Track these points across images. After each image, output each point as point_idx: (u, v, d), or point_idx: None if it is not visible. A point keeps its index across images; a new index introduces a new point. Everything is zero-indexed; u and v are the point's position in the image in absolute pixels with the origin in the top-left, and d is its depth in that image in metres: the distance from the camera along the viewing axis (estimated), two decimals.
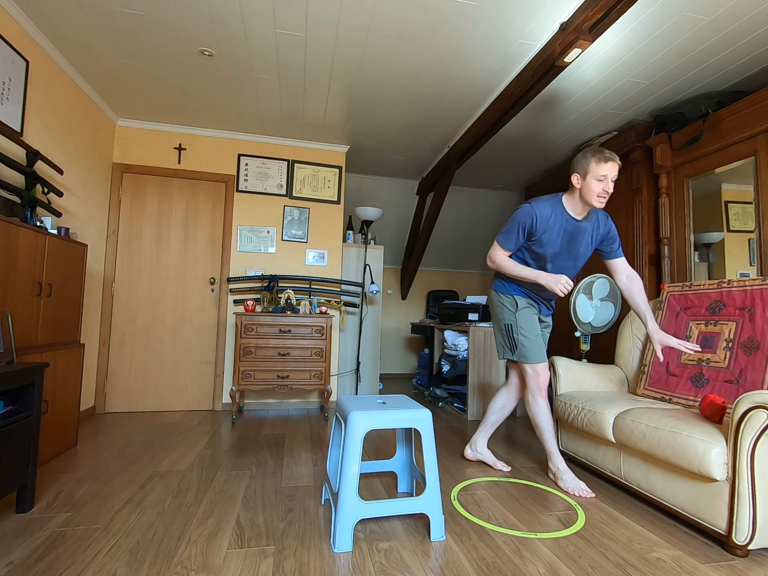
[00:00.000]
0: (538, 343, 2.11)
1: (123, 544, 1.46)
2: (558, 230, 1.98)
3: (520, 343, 2.12)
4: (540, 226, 1.96)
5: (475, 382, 3.42)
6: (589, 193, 1.87)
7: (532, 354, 2.10)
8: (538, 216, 1.95)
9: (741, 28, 2.21)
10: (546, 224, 1.96)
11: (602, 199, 1.87)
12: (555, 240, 1.99)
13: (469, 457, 2.40)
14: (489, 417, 2.35)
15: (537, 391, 2.12)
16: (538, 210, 1.95)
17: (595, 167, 1.84)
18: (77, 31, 2.40)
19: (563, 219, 1.98)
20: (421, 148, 3.94)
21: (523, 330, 2.12)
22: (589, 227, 2.03)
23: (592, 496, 1.95)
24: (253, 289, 3.65)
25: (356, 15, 2.20)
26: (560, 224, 1.98)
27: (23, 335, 2.02)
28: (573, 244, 2.03)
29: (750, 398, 1.45)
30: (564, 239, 2.00)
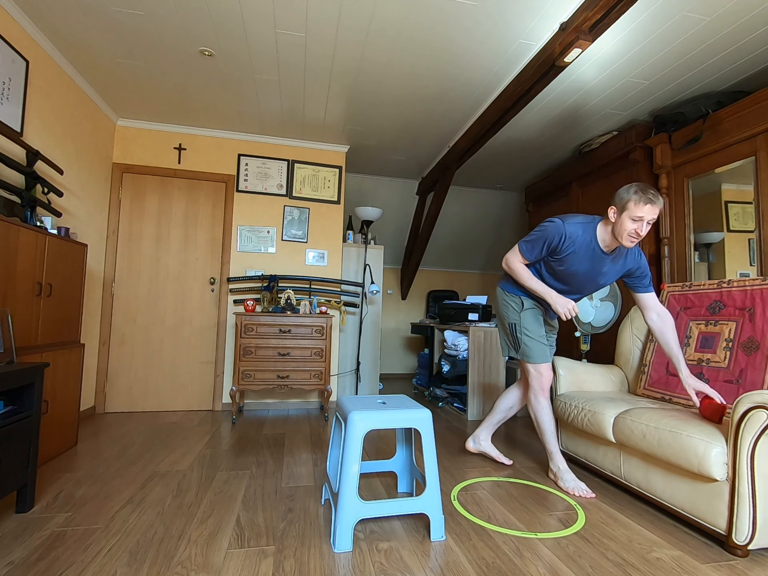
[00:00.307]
0: (542, 344, 2.12)
1: (123, 544, 1.46)
2: (583, 255, 1.91)
3: (524, 342, 2.13)
4: (566, 247, 1.88)
5: (475, 382, 3.42)
6: (621, 231, 1.79)
7: (535, 354, 2.11)
8: (567, 235, 1.87)
9: (741, 28, 2.21)
10: (572, 246, 1.88)
11: (633, 239, 1.78)
12: (578, 263, 1.93)
13: (471, 449, 2.42)
14: (495, 415, 2.38)
15: (539, 391, 2.13)
16: (569, 229, 1.87)
17: (634, 207, 1.74)
18: (77, 31, 2.40)
19: (591, 247, 1.89)
20: (421, 148, 3.94)
21: (527, 330, 2.13)
22: (615, 265, 1.96)
23: (592, 496, 1.96)
24: (253, 289, 3.65)
25: (356, 15, 2.20)
26: (586, 251, 1.90)
27: (23, 335, 2.02)
28: (593, 274, 1.97)
29: (750, 398, 1.45)
30: (586, 266, 1.94)
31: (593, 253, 1.90)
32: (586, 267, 1.94)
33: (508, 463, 2.32)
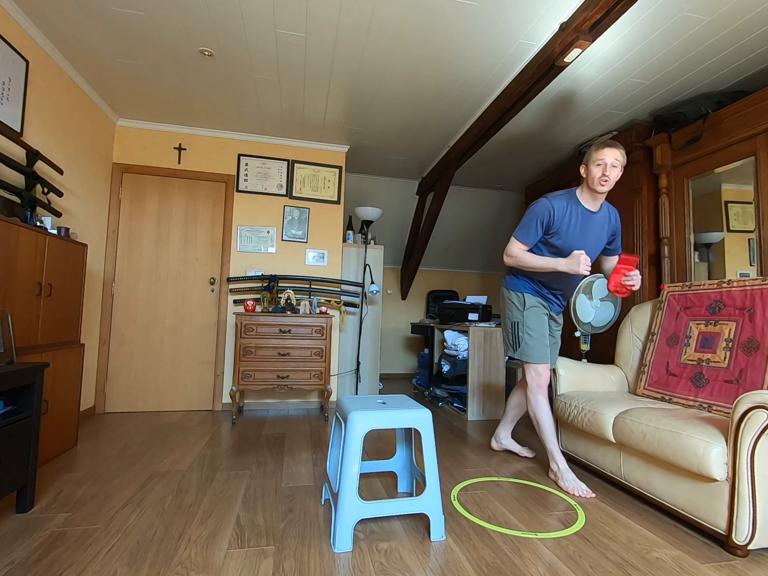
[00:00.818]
0: (543, 344, 2.15)
1: (123, 544, 1.46)
2: (575, 222, 2.02)
3: (524, 341, 2.16)
4: (557, 219, 1.99)
5: (475, 382, 3.42)
6: (593, 179, 1.95)
7: (534, 353, 2.14)
8: (555, 209, 1.99)
9: (741, 28, 2.21)
10: (563, 216, 2.00)
11: (603, 181, 1.92)
12: (572, 231, 2.02)
13: (495, 448, 2.55)
14: (508, 412, 2.50)
15: (537, 389, 2.16)
16: (554, 203, 2.00)
17: (595, 154, 1.94)
18: (77, 31, 2.40)
19: (578, 211, 2.03)
20: (421, 148, 3.94)
21: (529, 329, 2.15)
22: (603, 220, 2.09)
23: (592, 496, 1.96)
24: (253, 289, 3.65)
25: (356, 15, 2.20)
26: (576, 216, 2.02)
27: (23, 335, 2.02)
28: (588, 236, 2.06)
29: (750, 398, 1.45)
30: (581, 230, 2.04)
31: (582, 215, 2.03)
32: (581, 231, 2.03)
33: (530, 456, 2.44)
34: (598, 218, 2.07)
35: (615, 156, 1.91)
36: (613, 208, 2.16)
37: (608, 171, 1.90)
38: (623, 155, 1.93)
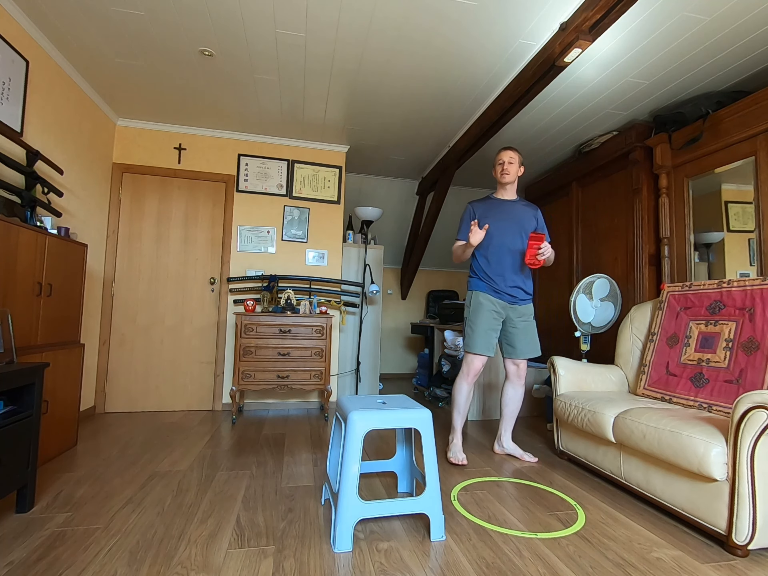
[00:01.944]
0: (481, 336, 2.38)
1: (123, 544, 1.46)
2: (494, 211, 2.46)
3: (467, 334, 2.44)
4: (479, 214, 2.48)
5: (475, 382, 3.41)
6: (496, 175, 2.49)
7: (473, 344, 2.39)
8: (475, 208, 2.50)
9: (741, 28, 2.21)
10: (483, 211, 2.48)
11: (504, 174, 2.44)
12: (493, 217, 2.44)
13: (498, 452, 2.56)
14: (503, 411, 2.55)
15: (465, 376, 2.44)
16: (474, 205, 2.52)
17: (495, 157, 2.51)
18: (77, 31, 2.40)
19: (494, 203, 2.50)
20: (421, 148, 3.94)
21: (472, 323, 2.42)
22: (523, 208, 2.49)
23: (464, 464, 2.30)
24: (253, 289, 3.65)
25: (356, 15, 2.20)
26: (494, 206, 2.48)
27: (23, 335, 2.02)
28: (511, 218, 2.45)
29: (750, 398, 1.45)
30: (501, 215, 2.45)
31: (499, 204, 2.49)
32: (501, 215, 2.45)
33: (532, 461, 2.42)
34: (517, 206, 2.49)
35: (509, 155, 2.44)
36: (534, 205, 2.57)
37: (506, 167, 2.43)
38: (516, 153, 2.46)
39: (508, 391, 2.52)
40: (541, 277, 4.38)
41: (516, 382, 2.49)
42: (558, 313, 4.03)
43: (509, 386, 2.52)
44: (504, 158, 2.44)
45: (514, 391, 2.50)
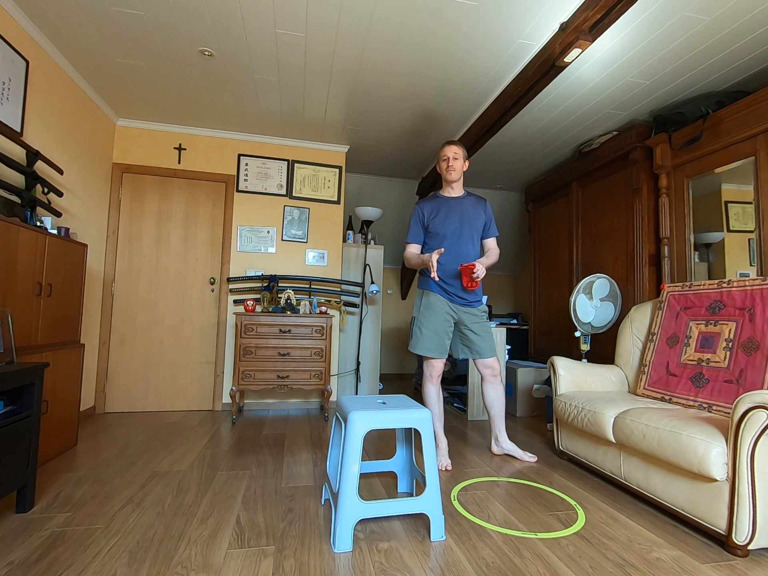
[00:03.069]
0: (431, 339, 2.33)
1: (123, 544, 1.46)
2: (444, 210, 2.40)
3: (414, 334, 2.38)
4: (428, 214, 2.41)
5: (475, 382, 3.42)
6: (442, 172, 2.41)
7: (420, 346, 2.34)
8: (424, 206, 2.43)
9: (741, 28, 2.21)
10: (431, 210, 2.41)
11: (450, 171, 2.37)
12: (443, 215, 2.38)
13: (496, 452, 2.52)
14: (490, 413, 2.51)
15: (428, 378, 2.38)
16: (422, 205, 2.45)
17: (439, 153, 2.41)
18: (77, 31, 2.40)
19: (442, 201, 2.43)
20: (421, 148, 3.94)
21: (421, 324, 2.36)
22: (472, 204, 2.43)
23: (450, 469, 2.24)
24: (253, 289, 3.65)
25: (356, 15, 2.20)
26: (441, 204, 2.41)
27: (23, 335, 2.02)
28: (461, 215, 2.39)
29: (750, 398, 1.45)
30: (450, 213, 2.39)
31: (446, 202, 2.42)
32: (450, 214, 2.39)
33: (532, 460, 2.39)
34: (465, 202, 2.42)
35: (454, 150, 2.36)
36: (484, 199, 2.51)
37: (451, 162, 2.35)
38: (461, 148, 2.37)
39: (488, 392, 2.46)
40: (541, 277, 4.38)
41: (493, 381, 2.44)
42: (558, 313, 4.03)
43: (488, 387, 2.46)
44: (448, 154, 2.35)
45: (494, 390, 2.45)
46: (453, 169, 2.36)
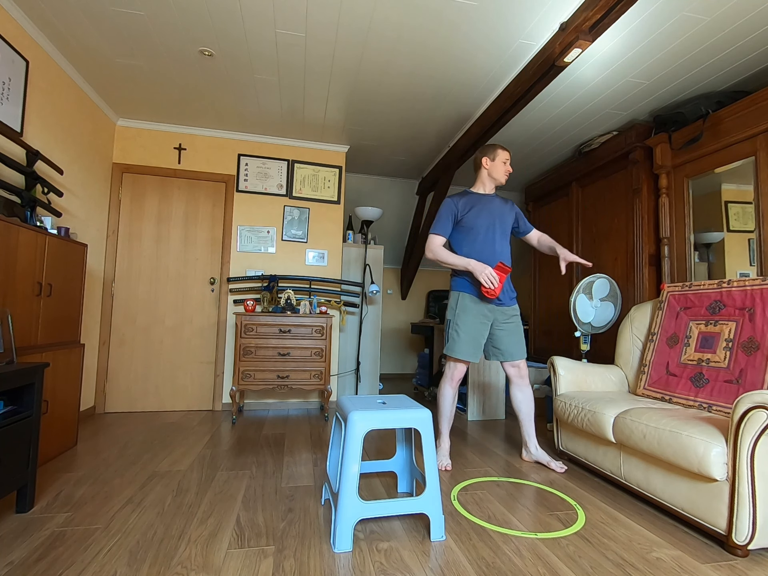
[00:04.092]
0: (468, 342, 2.29)
1: (123, 544, 1.46)
2: (477, 206, 2.37)
3: (451, 337, 2.34)
4: (462, 206, 2.37)
5: (475, 382, 3.42)
6: (499, 172, 2.39)
7: (457, 350, 2.30)
8: (457, 200, 2.39)
9: (741, 28, 2.21)
10: (465, 205, 2.37)
11: (508, 173, 2.41)
12: (476, 213, 2.36)
13: (526, 459, 2.46)
14: (518, 416, 2.45)
15: (449, 380, 2.37)
16: (455, 197, 2.41)
17: (501, 152, 2.39)
18: (77, 31, 2.40)
19: (475, 197, 2.41)
20: (422, 147, 3.94)
21: (458, 326, 2.32)
22: (501, 204, 2.43)
23: (449, 469, 2.24)
24: (253, 289, 3.65)
25: (356, 15, 2.20)
26: (475, 200, 2.39)
27: (23, 335, 2.02)
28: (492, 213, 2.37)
29: (750, 398, 1.45)
30: (483, 211, 2.37)
31: (480, 199, 2.40)
32: (483, 211, 2.36)
33: (560, 470, 2.26)
34: (496, 201, 2.42)
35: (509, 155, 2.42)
36: (510, 200, 2.53)
37: (508, 166, 2.41)
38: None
39: (516, 394, 2.40)
40: (541, 277, 4.38)
41: (521, 383, 2.39)
42: (558, 313, 4.03)
43: (515, 389, 2.40)
44: (509, 157, 2.42)
45: (522, 393, 2.39)
46: (510, 171, 2.43)
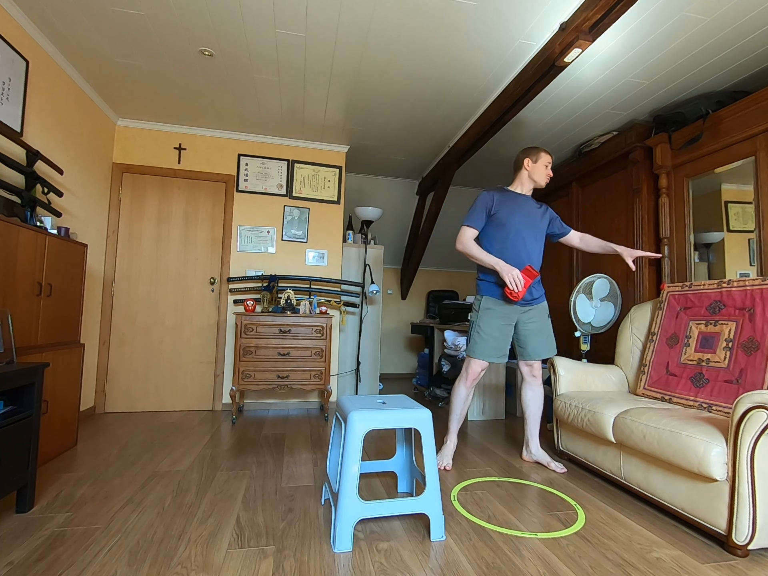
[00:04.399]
0: (488, 343, 2.29)
1: (123, 544, 1.46)
2: (511, 203, 2.34)
3: (472, 338, 2.34)
4: (497, 202, 2.32)
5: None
6: (540, 175, 2.35)
7: (478, 350, 2.30)
8: (495, 194, 2.35)
9: (741, 28, 2.21)
10: (501, 200, 2.33)
11: (549, 177, 2.37)
12: (510, 212, 2.32)
13: (526, 459, 2.47)
14: (525, 414, 2.46)
15: (465, 379, 2.36)
16: (492, 191, 2.37)
17: (545, 156, 2.37)
18: (77, 31, 2.40)
19: (511, 195, 2.37)
20: (421, 148, 3.94)
21: (480, 329, 2.31)
22: (536, 207, 2.40)
23: (449, 469, 2.24)
24: (253, 289, 3.65)
25: (356, 15, 2.19)
26: (511, 199, 2.35)
27: (23, 335, 2.02)
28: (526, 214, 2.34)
29: (750, 398, 1.45)
30: (517, 208, 2.33)
31: (516, 198, 2.36)
32: (518, 209, 2.33)
33: (560, 471, 2.27)
34: (531, 202, 2.40)
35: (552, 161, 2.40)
36: (542, 203, 2.51)
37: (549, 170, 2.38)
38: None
39: (526, 392, 2.43)
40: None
41: (532, 383, 2.40)
42: (558, 313, 4.03)
43: (526, 388, 2.42)
44: (551, 161, 2.39)
45: (532, 392, 2.41)
46: (550, 177, 2.39)
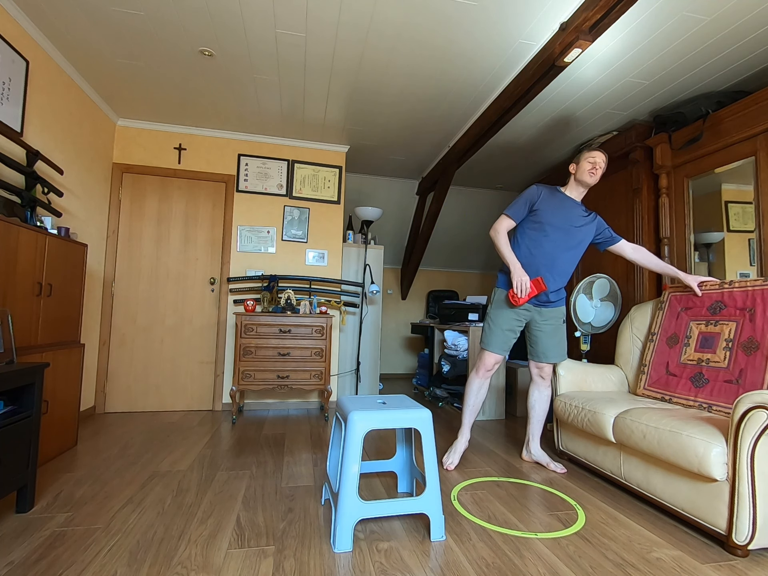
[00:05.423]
0: (500, 336, 2.30)
1: (123, 544, 1.46)
2: (557, 204, 2.27)
3: (485, 330, 2.36)
4: (542, 199, 2.28)
5: None
6: (583, 171, 2.25)
7: (489, 342, 2.32)
8: (543, 189, 2.30)
9: (741, 28, 2.21)
10: (547, 198, 2.28)
11: (592, 173, 2.23)
12: (551, 213, 2.26)
13: (525, 459, 2.47)
14: (529, 414, 2.46)
15: (475, 371, 2.38)
16: (542, 188, 2.32)
17: (587, 153, 2.27)
18: (77, 31, 2.40)
19: (561, 197, 2.31)
20: (421, 148, 3.94)
21: (491, 320, 2.35)
22: (585, 216, 2.31)
23: (450, 469, 2.25)
24: (253, 289, 3.65)
25: (356, 15, 2.20)
26: (559, 200, 2.29)
27: (23, 335, 2.02)
28: (570, 220, 2.27)
29: (750, 398, 1.45)
30: (562, 211, 2.27)
31: (565, 200, 2.29)
32: (561, 210, 2.26)
33: (559, 471, 2.27)
34: (579, 209, 2.31)
35: (602, 158, 2.25)
36: (592, 211, 2.39)
37: (597, 169, 2.24)
38: (606, 162, 2.27)
39: (533, 393, 2.43)
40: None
41: (540, 384, 2.41)
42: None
43: (534, 388, 2.43)
44: (598, 159, 2.23)
45: (539, 393, 2.41)
46: (596, 171, 2.23)
